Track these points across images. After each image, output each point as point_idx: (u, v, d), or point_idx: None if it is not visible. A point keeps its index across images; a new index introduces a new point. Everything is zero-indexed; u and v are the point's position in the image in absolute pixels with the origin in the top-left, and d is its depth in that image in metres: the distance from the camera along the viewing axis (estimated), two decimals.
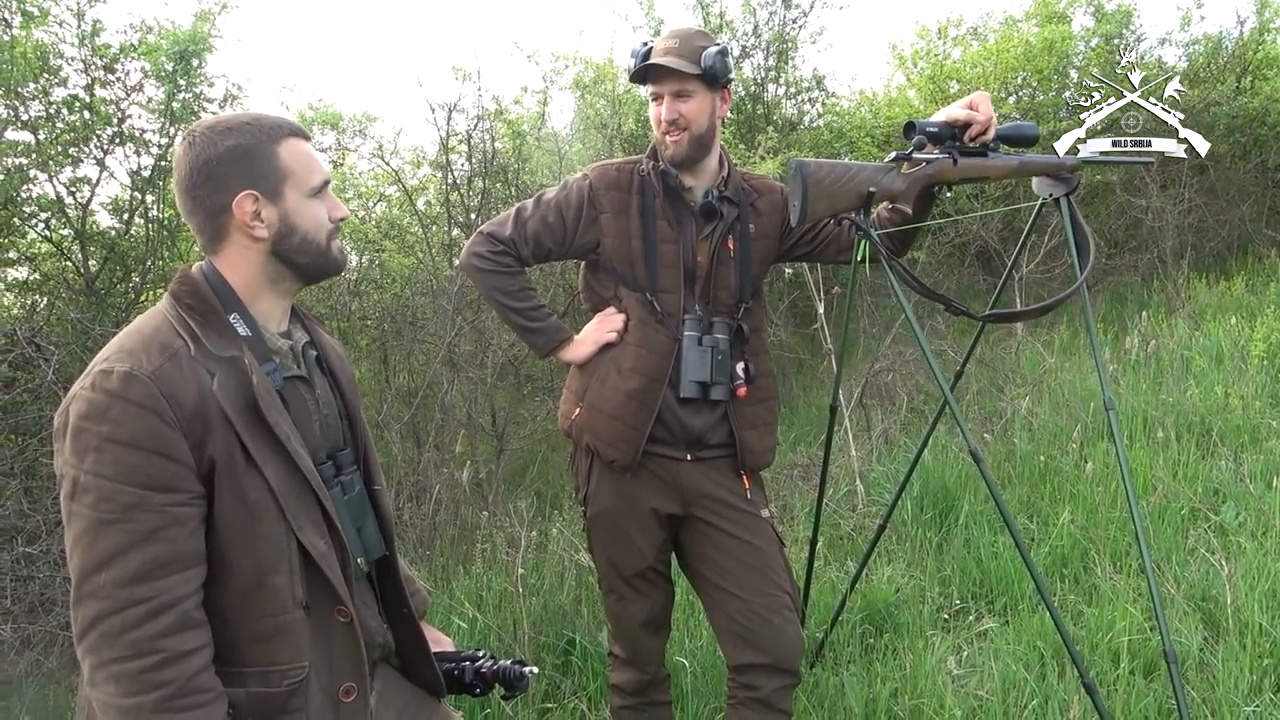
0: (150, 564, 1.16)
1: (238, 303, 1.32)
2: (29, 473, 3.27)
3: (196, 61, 4.57)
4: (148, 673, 1.15)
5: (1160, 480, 3.77)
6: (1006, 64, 7.97)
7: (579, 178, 2.13)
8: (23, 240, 4.53)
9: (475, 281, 2.17)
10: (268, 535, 1.25)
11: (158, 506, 1.17)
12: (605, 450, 2.06)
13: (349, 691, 1.32)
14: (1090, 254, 2.10)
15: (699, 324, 2.05)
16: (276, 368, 1.32)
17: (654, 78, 2.03)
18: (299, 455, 1.28)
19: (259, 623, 1.26)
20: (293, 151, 1.33)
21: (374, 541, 1.44)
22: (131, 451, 1.17)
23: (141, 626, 1.15)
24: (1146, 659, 2.72)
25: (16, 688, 2.82)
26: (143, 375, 1.18)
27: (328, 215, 1.36)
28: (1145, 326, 5.62)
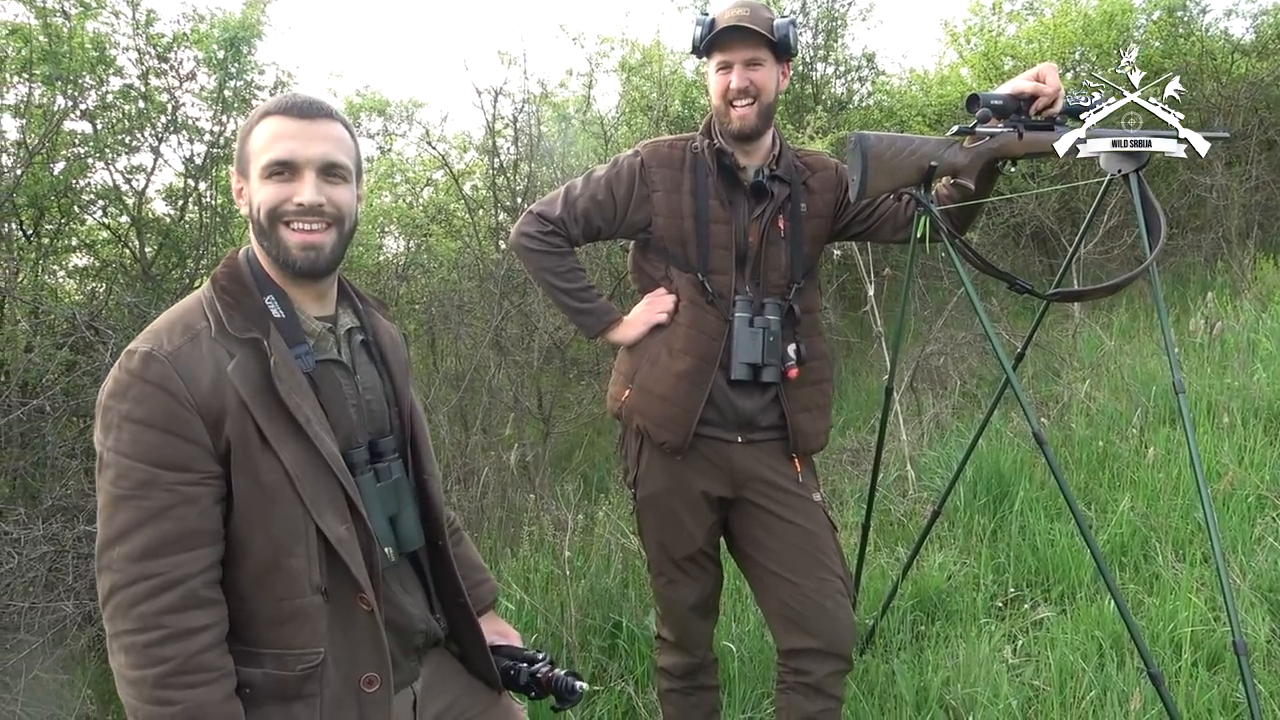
0: (159, 541, 1.18)
1: (273, 285, 1.32)
2: (89, 453, 3.34)
3: (247, 49, 4.62)
4: (151, 647, 1.16)
5: (1226, 467, 3.64)
6: (1064, 38, 7.74)
7: (630, 155, 2.10)
8: (82, 228, 4.64)
9: (524, 261, 2.16)
10: (283, 518, 1.24)
11: (169, 485, 1.19)
12: (656, 432, 2.04)
13: (371, 681, 1.30)
14: (1161, 232, 2.02)
15: (750, 305, 2.01)
16: (309, 350, 1.31)
17: (726, 45, 1.97)
18: (319, 439, 1.26)
19: (275, 605, 1.26)
20: (264, 129, 1.30)
21: (410, 532, 1.41)
22: (147, 430, 1.19)
23: (148, 601, 1.17)
24: (1210, 651, 2.63)
25: (79, 661, 2.90)
26: (161, 355, 1.20)
27: (282, 196, 1.28)
28: (1210, 308, 5.43)
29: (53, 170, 4.08)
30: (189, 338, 1.23)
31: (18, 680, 2.54)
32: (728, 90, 1.98)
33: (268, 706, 1.25)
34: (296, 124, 1.29)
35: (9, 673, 2.57)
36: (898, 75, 8.41)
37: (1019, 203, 6.31)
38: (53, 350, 3.39)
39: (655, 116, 5.89)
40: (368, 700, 1.30)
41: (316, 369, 1.31)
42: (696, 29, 2.01)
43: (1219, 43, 8.12)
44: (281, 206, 1.28)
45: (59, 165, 4.13)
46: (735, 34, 1.95)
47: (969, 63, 8.59)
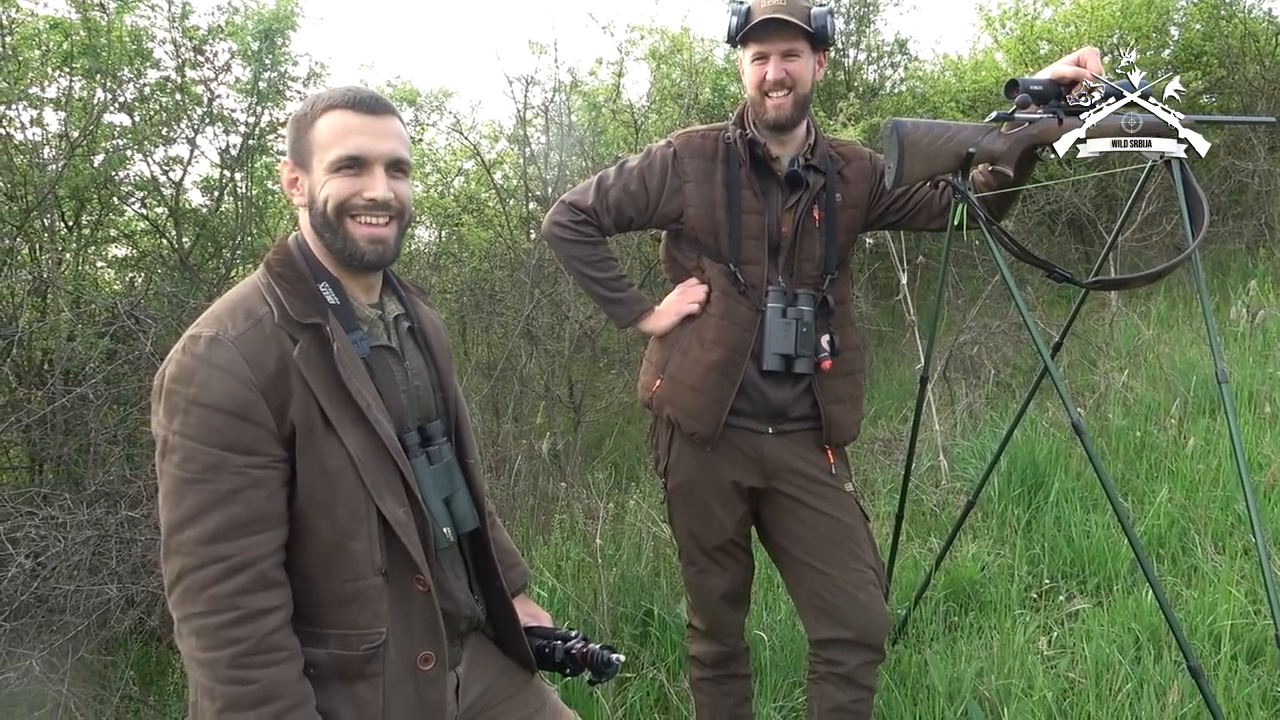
0: (229, 523, 1.19)
1: (326, 273, 1.34)
2: (131, 440, 3.41)
3: (281, 41, 4.66)
4: (224, 629, 1.18)
5: (1268, 458, 3.58)
6: (1102, 22, 7.61)
7: (663, 145, 2.09)
8: (121, 219, 4.71)
9: (556, 251, 2.15)
10: (347, 501, 1.26)
11: (238, 468, 1.20)
12: (686, 422, 2.04)
13: (427, 660, 1.33)
14: (1205, 219, 1.98)
15: (783, 296, 2.00)
16: (364, 336, 1.33)
17: (763, 36, 1.95)
18: (379, 423, 1.28)
19: (340, 586, 1.27)
20: (330, 123, 1.30)
21: (466, 513, 1.43)
22: (214, 414, 1.19)
23: (220, 584, 1.18)
24: (1250, 644, 2.59)
25: (122, 644, 2.97)
26: (227, 340, 1.21)
27: (352, 190, 1.29)
28: (1252, 296, 5.33)
29: (93, 162, 4.15)
30: (252, 322, 1.24)
31: (64, 661, 2.60)
32: (763, 81, 1.96)
33: (332, 686, 1.28)
34: (365, 120, 1.30)
35: (55, 654, 2.63)
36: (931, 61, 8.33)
37: (1055, 190, 6.22)
38: (95, 339, 3.45)
39: (686, 105, 5.87)
40: (424, 679, 1.32)
41: (371, 355, 1.33)
42: (732, 19, 1.98)
43: (1262, 24, 7.93)
44: (351, 200, 1.29)
45: (98, 157, 4.20)
46: (773, 26, 1.93)
47: (1004, 47, 8.47)
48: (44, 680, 2.54)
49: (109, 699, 2.67)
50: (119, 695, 2.68)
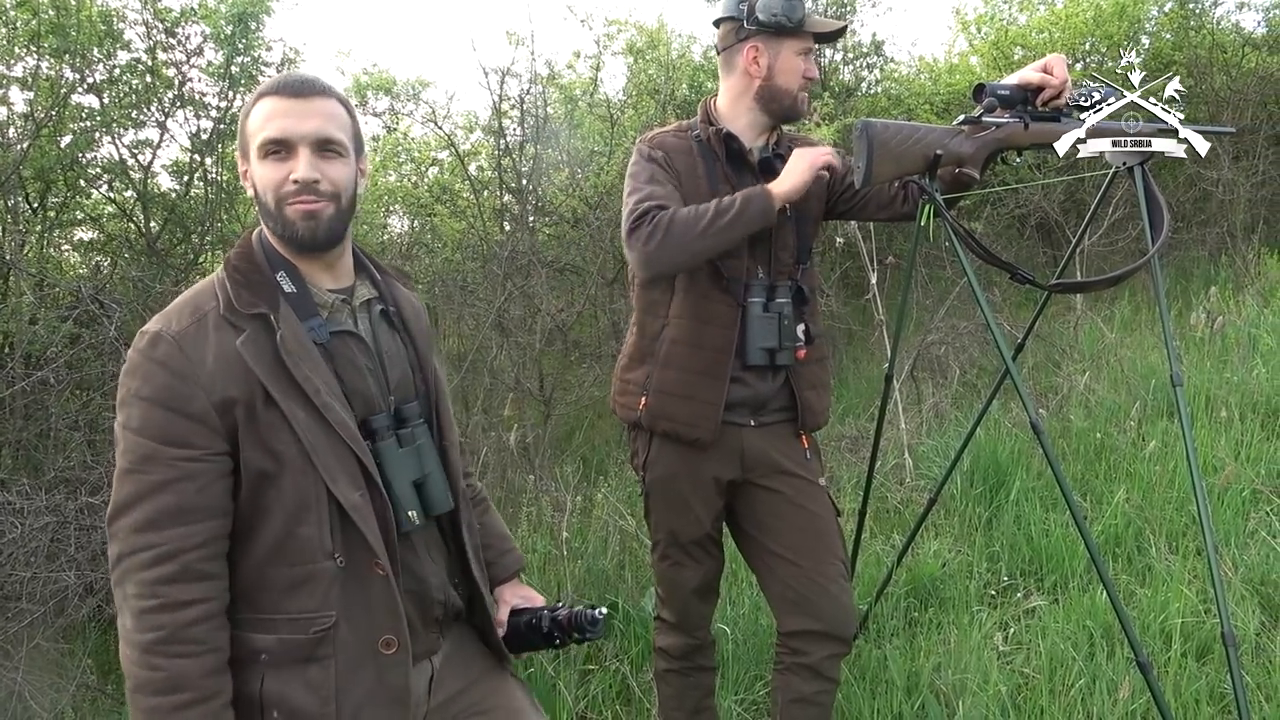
0: (158, 513, 1.21)
1: (284, 261, 1.34)
2: (92, 426, 3.37)
3: (254, 25, 4.62)
4: (146, 614, 1.21)
5: (1222, 461, 3.66)
6: (1075, 29, 7.72)
7: (645, 149, 2.06)
8: (87, 201, 4.65)
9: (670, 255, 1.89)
10: (295, 487, 1.27)
11: (169, 460, 1.22)
12: (686, 431, 2.03)
13: (389, 644, 1.32)
14: (1164, 225, 2.02)
15: (764, 290, 2.03)
16: (322, 323, 1.33)
17: (824, 36, 2.08)
18: (328, 407, 1.28)
19: (289, 571, 1.28)
20: (260, 110, 1.31)
21: (438, 495, 1.42)
22: (152, 407, 1.23)
23: (146, 570, 1.21)
24: (1200, 642, 2.65)
25: (80, 631, 2.94)
26: (168, 335, 1.24)
27: (279, 176, 1.30)
28: (1212, 303, 5.44)
29: (59, 143, 4.09)
30: (196, 318, 1.27)
31: (19, 649, 2.57)
32: (807, 76, 2.04)
33: (286, 671, 1.28)
34: (289, 103, 1.30)
35: (10, 641, 2.60)
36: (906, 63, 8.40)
37: (1024, 194, 6.30)
38: (57, 323, 3.41)
39: (662, 100, 5.88)
40: (386, 662, 1.32)
41: (331, 340, 1.33)
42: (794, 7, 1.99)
43: (1230, 35, 8.08)
44: (282, 188, 1.30)
45: (65, 139, 4.13)
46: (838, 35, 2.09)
47: (979, 51, 8.56)
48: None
49: (65, 687, 2.64)
50: (75, 684, 2.65)
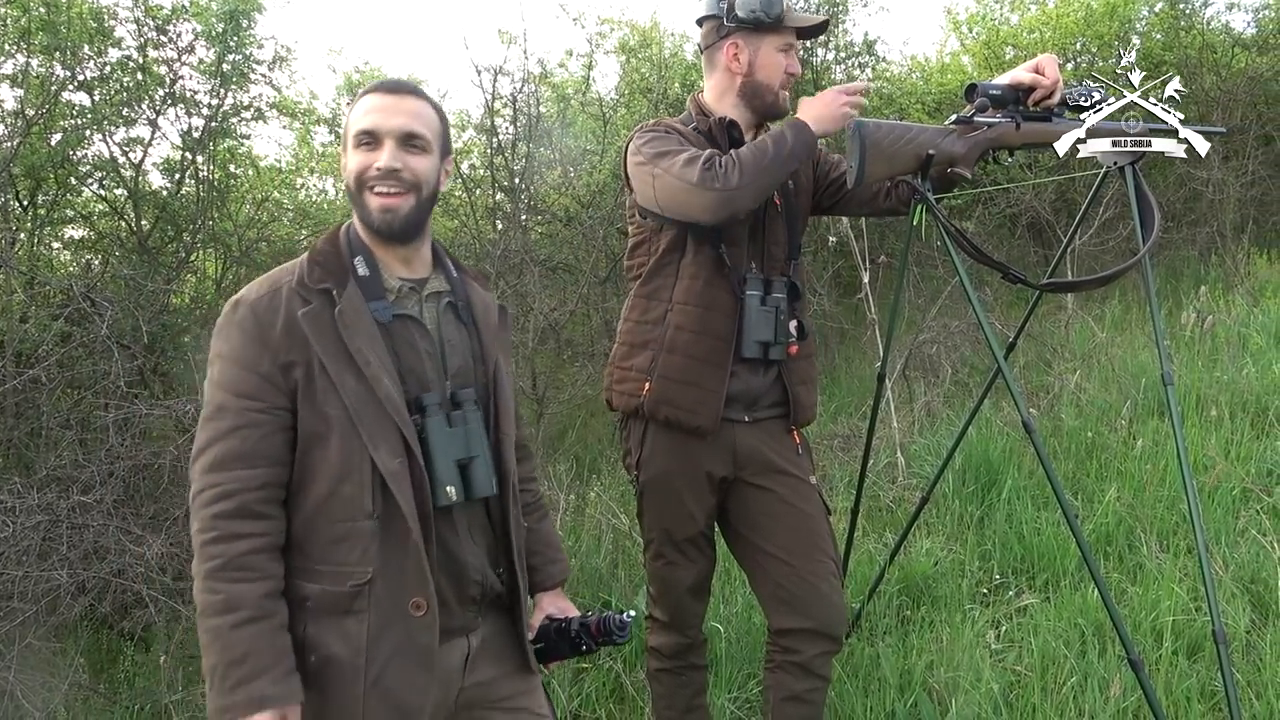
0: (224, 456, 1.36)
1: (364, 248, 1.49)
2: (84, 424, 3.36)
3: (246, 23, 4.60)
4: (206, 545, 1.34)
5: (1212, 460, 3.68)
6: (1066, 29, 7.74)
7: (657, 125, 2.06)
8: (78, 199, 4.62)
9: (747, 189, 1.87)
10: (341, 449, 1.39)
11: (238, 409, 1.37)
12: (687, 418, 2.03)
13: (419, 606, 1.41)
14: (1155, 225, 2.03)
15: (760, 283, 2.03)
16: (386, 306, 1.46)
17: (796, 30, 2.05)
18: (377, 380, 1.40)
19: (333, 526, 1.40)
20: (359, 106, 1.47)
21: (482, 479, 1.49)
22: (229, 364, 1.39)
23: (209, 506, 1.35)
24: (1191, 640, 2.67)
25: (72, 631, 2.93)
26: (246, 302, 1.41)
27: (369, 164, 1.44)
28: (1202, 302, 5.47)
29: (50, 141, 4.07)
30: (273, 289, 1.42)
31: (11, 648, 2.56)
32: (787, 72, 2.04)
33: (325, 620, 1.39)
34: (384, 99, 1.46)
35: (2, 640, 2.59)
36: (898, 62, 8.42)
37: (1015, 193, 6.32)
38: (48, 321, 3.40)
39: (654, 99, 5.88)
40: (416, 624, 1.41)
41: (393, 322, 1.46)
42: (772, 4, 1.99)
43: (1220, 36, 8.12)
44: (365, 173, 1.44)
45: (56, 136, 4.11)
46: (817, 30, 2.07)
47: (970, 51, 8.59)
48: None
49: (57, 686, 2.63)
50: (68, 683, 2.64)
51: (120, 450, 3.04)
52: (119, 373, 3.15)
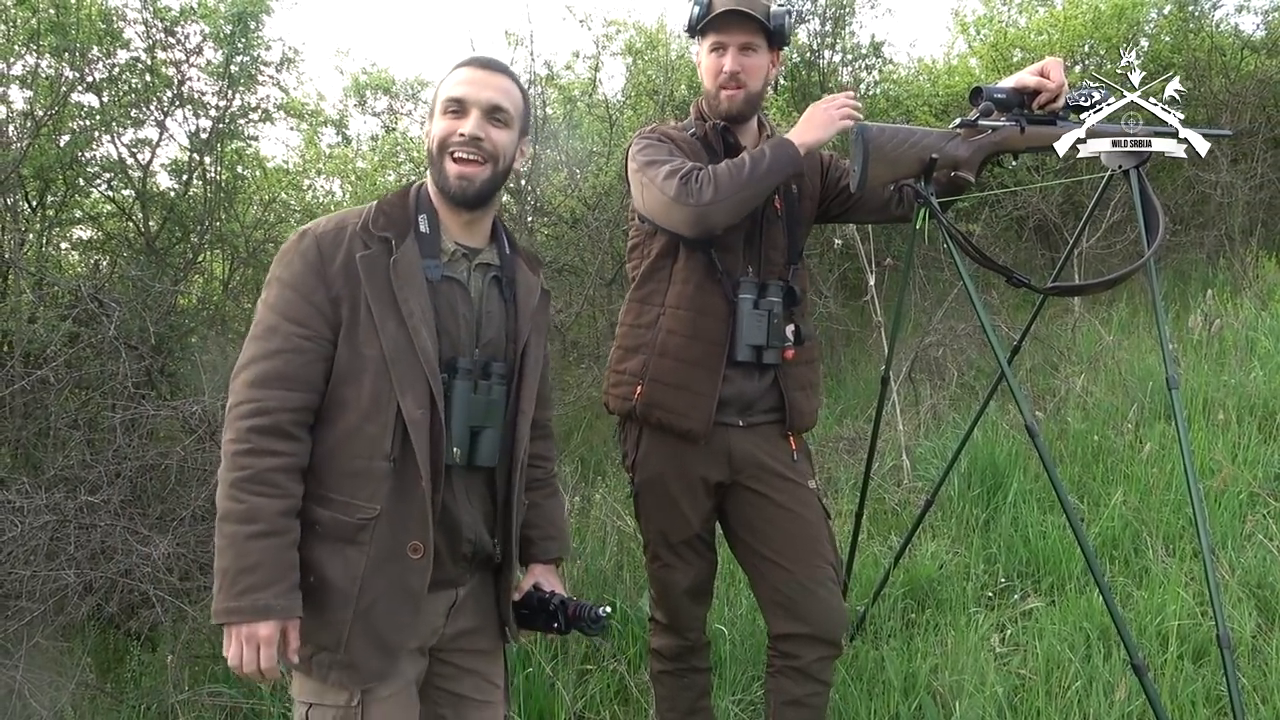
0: (266, 374, 1.43)
1: (430, 208, 1.56)
2: (92, 425, 3.37)
3: (254, 24, 4.61)
4: (236, 455, 1.41)
5: (1219, 463, 3.67)
6: (1074, 31, 7.71)
7: (651, 133, 2.07)
8: (87, 200, 4.64)
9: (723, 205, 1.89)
10: (372, 387, 1.46)
11: (286, 333, 1.44)
12: (679, 421, 2.03)
13: (416, 549, 1.47)
14: (1160, 228, 2.03)
15: (754, 287, 2.03)
16: (438, 265, 1.53)
17: (722, 27, 1.98)
18: (416, 331, 1.46)
19: (351, 461, 1.47)
20: (452, 77, 1.55)
21: (487, 450, 1.55)
22: (285, 288, 1.47)
23: (244, 420, 1.42)
24: (1196, 644, 2.66)
25: (79, 631, 2.94)
26: (312, 234, 1.49)
27: (454, 130, 1.51)
28: (1209, 305, 5.45)
29: (59, 142, 4.08)
30: (338, 226, 1.50)
31: (18, 647, 2.57)
32: (720, 72, 1.99)
33: (329, 544, 1.46)
34: (476, 73, 1.55)
35: (9, 640, 2.60)
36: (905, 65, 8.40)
37: (1023, 196, 6.31)
38: (57, 322, 3.41)
39: (661, 101, 5.88)
40: (410, 566, 1.48)
41: (441, 281, 1.53)
42: (694, 7, 2.01)
43: (1228, 38, 8.08)
44: (450, 138, 1.52)
45: (64, 138, 4.13)
46: (733, 18, 1.96)
47: (978, 53, 8.56)
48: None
49: (65, 685, 2.64)
50: (75, 682, 2.65)
51: (127, 450, 3.05)
52: (126, 373, 3.16)
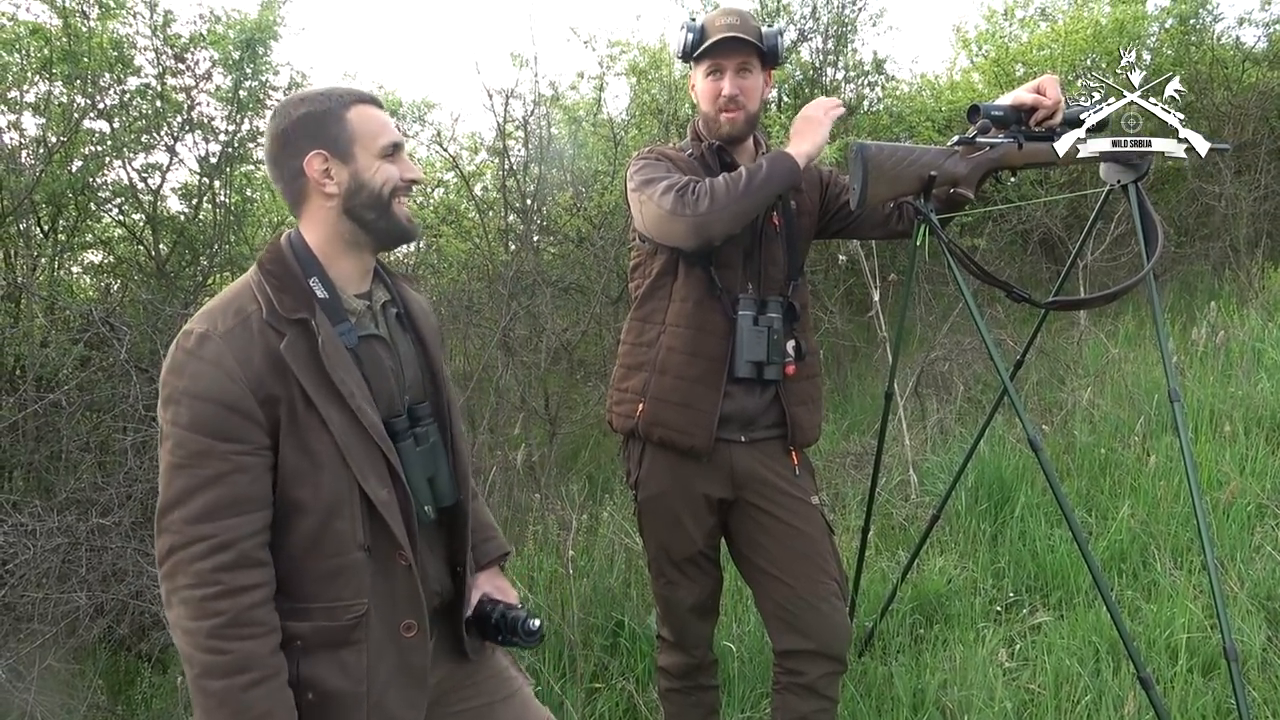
0: (214, 505, 1.28)
1: (317, 266, 1.41)
2: (103, 447, 3.41)
3: (262, 50, 4.69)
4: (207, 601, 1.26)
5: (1227, 475, 3.66)
6: (1075, 46, 7.76)
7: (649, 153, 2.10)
8: (98, 225, 4.70)
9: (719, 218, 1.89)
10: (332, 483, 1.35)
11: (222, 454, 1.29)
12: (680, 439, 2.05)
13: (409, 628, 1.42)
14: (1159, 242, 2.05)
15: (754, 303, 2.04)
16: (351, 328, 1.41)
17: (719, 52, 2.01)
18: (362, 410, 1.36)
19: (325, 562, 1.36)
20: (361, 115, 1.42)
21: (446, 489, 1.51)
22: (203, 404, 1.28)
23: (204, 560, 1.27)
24: (1206, 657, 2.65)
25: (91, 653, 2.96)
26: (215, 336, 1.31)
27: (399, 174, 1.43)
28: (1215, 317, 5.44)
29: (71, 168, 4.14)
30: (241, 319, 1.33)
31: (30, 670, 2.59)
32: (719, 96, 2.02)
33: (318, 655, 1.36)
34: (384, 113, 1.46)
35: (22, 662, 2.62)
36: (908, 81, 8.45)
37: (1027, 210, 6.33)
38: (68, 345, 3.46)
39: (664, 120, 5.93)
40: (407, 645, 1.42)
41: (359, 344, 1.42)
42: (686, 35, 2.04)
43: (1230, 51, 8.12)
44: (398, 183, 1.44)
45: (77, 163, 4.19)
46: (729, 44, 1.99)
47: (980, 68, 8.61)
48: (9, 688, 2.53)
49: (76, 708, 2.66)
50: (86, 704, 2.67)
51: (139, 473, 3.09)
52: (137, 396, 3.19)
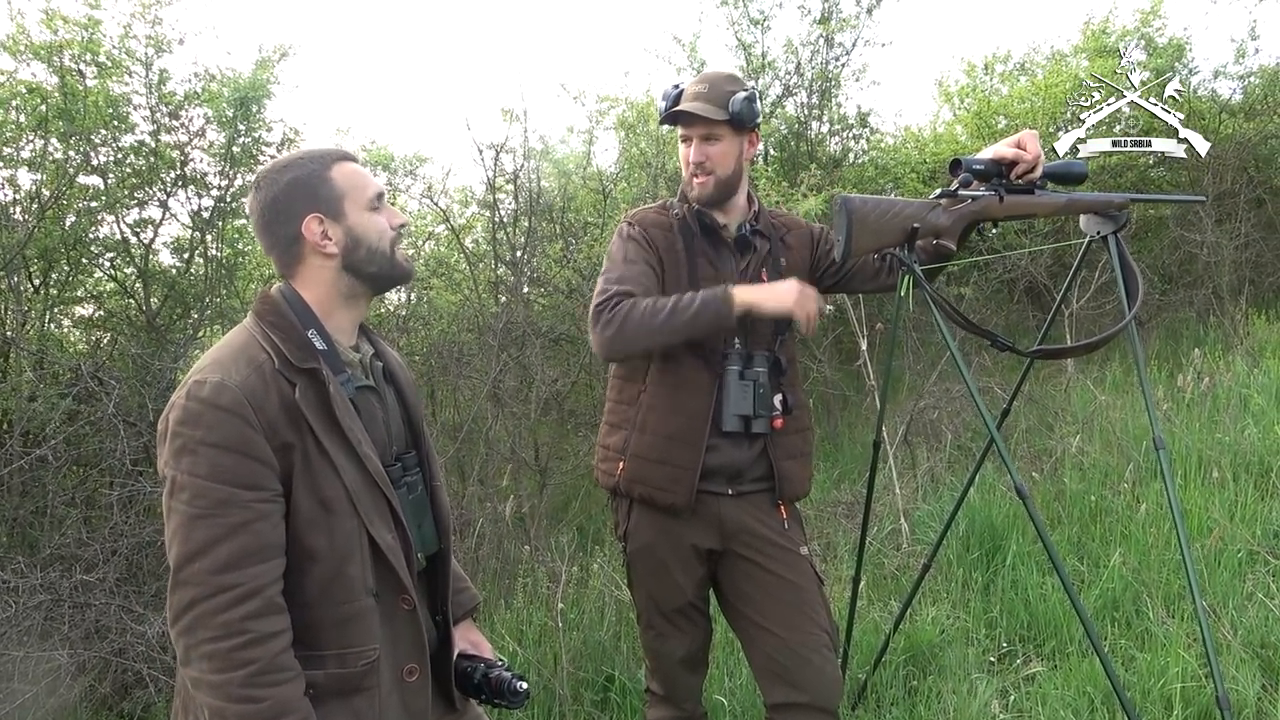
0: (239, 554, 1.28)
1: (315, 320, 1.44)
2: (89, 503, 3.38)
3: (256, 107, 4.75)
4: (236, 651, 1.26)
5: (1216, 522, 3.66)
6: (1055, 99, 7.91)
7: (626, 228, 2.14)
8: (90, 279, 4.71)
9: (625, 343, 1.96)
10: (343, 529, 1.37)
11: (245, 502, 1.29)
12: (660, 496, 2.06)
13: (412, 672, 1.44)
14: (1139, 292, 2.08)
15: (740, 357, 2.06)
16: (349, 378, 1.45)
17: (683, 121, 2.07)
18: (368, 458, 1.40)
19: (337, 609, 1.37)
20: (344, 173, 1.46)
21: (430, 537, 1.56)
22: (222, 453, 1.29)
23: (231, 610, 1.26)
24: (1201, 707, 2.63)
25: (73, 712, 2.90)
26: (231, 385, 1.32)
27: (388, 223, 1.48)
28: (1200, 363, 5.49)
29: (64, 224, 4.17)
30: (254, 368, 1.35)
31: None
32: (689, 162, 2.08)
33: (330, 704, 1.36)
34: (361, 166, 1.50)
35: None
36: (892, 133, 8.60)
37: (1013, 259, 6.40)
38: (56, 400, 3.44)
39: (653, 173, 6.01)
40: (409, 690, 1.44)
41: (356, 395, 1.45)
42: (662, 103, 2.10)
43: (1207, 103, 8.29)
44: (392, 232, 1.48)
45: (70, 218, 4.22)
46: (684, 117, 2.05)
47: (962, 121, 8.77)
48: None
49: None
50: None
51: (124, 528, 3.06)
52: (124, 450, 3.18)
